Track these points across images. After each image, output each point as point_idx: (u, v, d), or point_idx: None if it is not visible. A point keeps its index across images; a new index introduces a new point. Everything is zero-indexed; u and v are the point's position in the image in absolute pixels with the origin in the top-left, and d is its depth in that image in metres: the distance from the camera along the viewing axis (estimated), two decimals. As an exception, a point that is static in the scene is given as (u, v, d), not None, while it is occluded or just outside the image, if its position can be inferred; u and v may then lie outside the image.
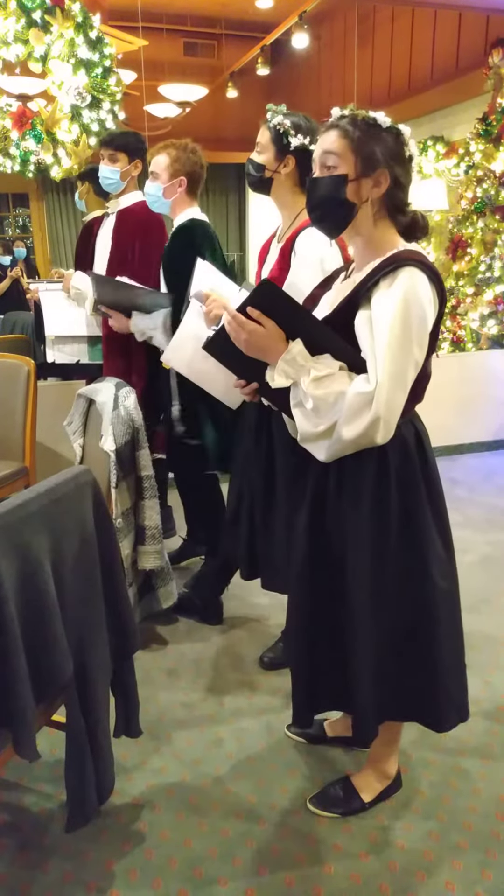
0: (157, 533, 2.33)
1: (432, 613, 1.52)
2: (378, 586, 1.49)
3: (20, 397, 2.90)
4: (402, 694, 1.57)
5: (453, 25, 5.99)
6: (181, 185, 2.43)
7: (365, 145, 1.37)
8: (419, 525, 1.49)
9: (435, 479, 1.54)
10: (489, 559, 3.15)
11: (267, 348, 1.42)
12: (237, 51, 7.81)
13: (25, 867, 1.61)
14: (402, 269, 1.35)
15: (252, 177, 2.01)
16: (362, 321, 1.39)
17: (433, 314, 1.39)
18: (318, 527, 1.55)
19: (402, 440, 1.46)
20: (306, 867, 1.61)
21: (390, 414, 1.35)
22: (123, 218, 2.79)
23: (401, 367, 1.35)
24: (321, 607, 1.57)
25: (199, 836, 1.69)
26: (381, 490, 1.46)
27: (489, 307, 4.87)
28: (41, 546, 1.33)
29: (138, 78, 5.71)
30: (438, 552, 1.52)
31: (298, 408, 1.42)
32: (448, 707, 1.60)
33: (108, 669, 1.58)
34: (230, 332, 1.44)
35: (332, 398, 1.36)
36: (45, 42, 3.31)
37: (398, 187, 1.41)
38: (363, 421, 1.34)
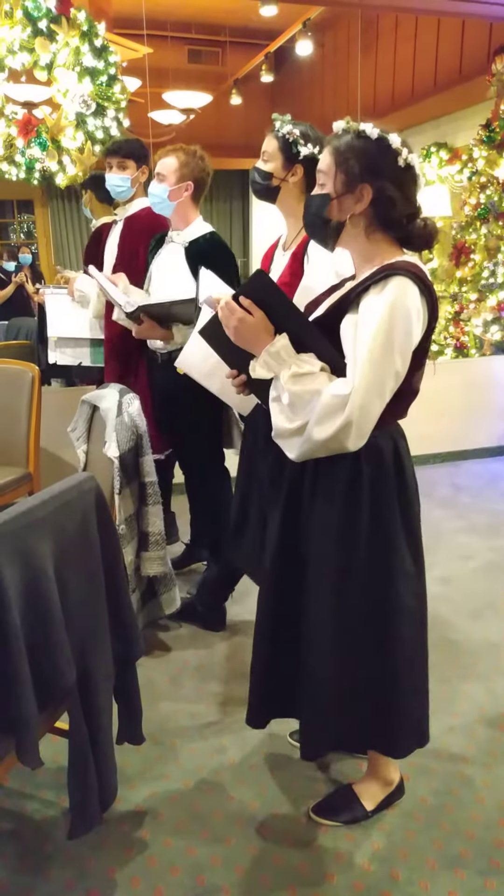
0: (161, 539, 2.33)
1: (395, 630, 1.50)
2: (339, 597, 1.48)
3: (24, 403, 2.91)
4: (356, 714, 1.55)
5: (456, 32, 6.01)
6: (187, 190, 2.44)
7: (346, 162, 1.39)
8: (388, 537, 1.48)
9: (410, 495, 1.52)
10: (493, 565, 3.15)
11: (253, 338, 1.43)
12: (241, 58, 7.85)
13: (27, 874, 1.61)
14: (393, 279, 1.35)
15: (259, 185, 2.01)
16: (348, 325, 1.40)
17: (420, 327, 1.39)
18: (290, 527, 1.55)
19: (378, 451, 1.46)
20: (309, 876, 1.60)
21: (363, 420, 1.34)
22: (130, 224, 2.81)
23: (379, 375, 1.34)
24: (284, 607, 1.57)
25: (202, 843, 1.69)
26: (352, 497, 1.46)
27: (492, 313, 4.87)
28: (45, 552, 1.34)
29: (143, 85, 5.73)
30: (407, 568, 1.51)
31: (276, 402, 1.43)
32: (405, 731, 1.58)
33: (111, 676, 1.58)
34: (221, 318, 1.46)
35: (307, 396, 1.36)
36: (51, 50, 3.33)
37: (384, 201, 1.39)
38: (334, 423, 1.34)
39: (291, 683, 1.58)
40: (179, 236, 2.50)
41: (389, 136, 1.38)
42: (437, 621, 2.57)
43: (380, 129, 1.39)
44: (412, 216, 1.44)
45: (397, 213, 1.41)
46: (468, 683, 2.29)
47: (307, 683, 1.55)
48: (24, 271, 6.54)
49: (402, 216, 1.42)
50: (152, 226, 2.74)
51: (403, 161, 1.39)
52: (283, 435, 1.43)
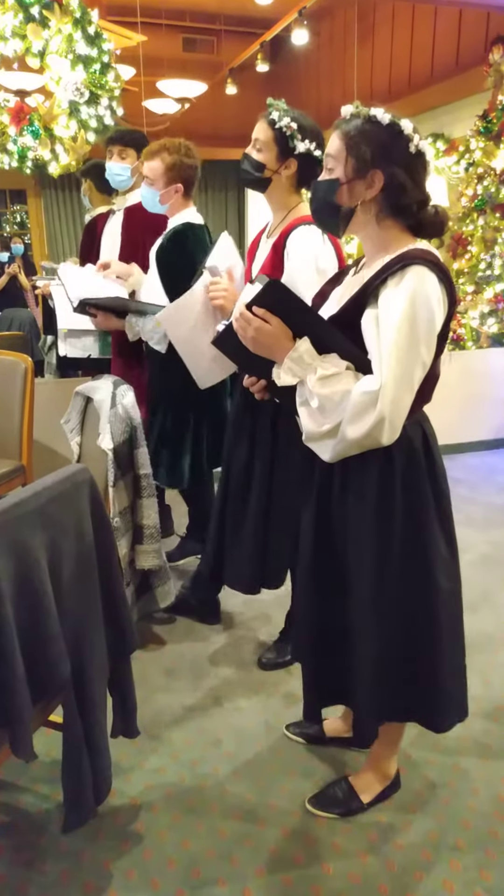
0: (155, 532, 2.31)
1: (434, 614, 1.51)
2: (380, 585, 1.49)
3: (17, 395, 2.88)
4: (402, 694, 1.56)
5: (454, 22, 5.97)
6: (177, 192, 2.42)
7: (358, 147, 1.36)
8: (423, 526, 1.48)
9: (441, 480, 1.52)
10: (489, 558, 3.15)
11: (273, 346, 1.41)
12: (237, 47, 7.79)
13: (22, 867, 1.60)
14: (411, 268, 1.33)
15: (249, 174, 1.97)
16: (369, 320, 1.38)
17: (442, 314, 1.37)
18: (323, 523, 1.55)
19: (408, 441, 1.45)
20: (305, 867, 1.60)
21: (396, 415, 1.33)
22: (132, 215, 2.78)
23: (407, 368, 1.33)
24: (326, 603, 1.57)
25: (198, 836, 1.68)
26: (385, 490, 1.45)
27: (489, 305, 4.86)
28: (38, 545, 1.32)
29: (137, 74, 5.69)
30: (442, 553, 1.51)
31: (304, 406, 1.41)
32: (448, 708, 1.59)
33: (105, 669, 1.57)
34: (237, 329, 1.44)
35: (337, 397, 1.35)
36: (43, 37, 3.30)
37: (396, 187, 1.37)
38: (368, 421, 1.32)
39: (339, 673, 1.59)
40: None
41: (401, 122, 1.36)
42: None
43: (391, 115, 1.36)
44: (423, 203, 1.42)
45: (408, 199, 1.39)
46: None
47: (357, 672, 1.55)
48: (17, 262, 6.49)
49: (413, 203, 1.40)
50: (155, 216, 2.71)
51: (415, 147, 1.36)
52: (314, 438, 1.42)
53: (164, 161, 2.37)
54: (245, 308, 1.41)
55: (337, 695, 1.67)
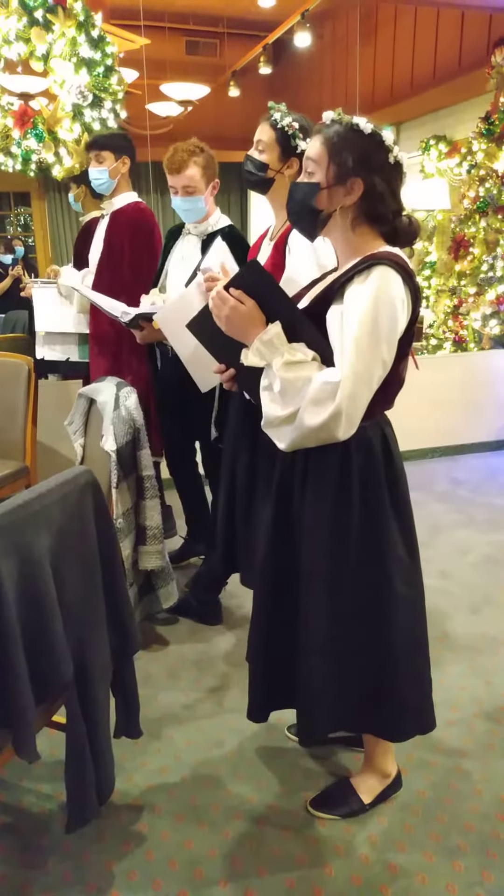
0: (158, 533, 2.32)
1: (390, 618, 1.51)
2: (334, 585, 1.49)
3: (21, 397, 2.90)
4: (353, 699, 1.55)
5: (456, 24, 5.98)
6: (216, 188, 2.41)
7: (340, 153, 1.38)
8: (380, 526, 1.49)
9: (400, 483, 1.53)
10: (491, 560, 3.15)
11: (245, 327, 1.43)
12: (239, 49, 7.80)
13: (25, 867, 1.61)
14: (376, 268, 1.36)
15: (252, 175, 1.99)
16: (333, 316, 1.40)
17: (405, 315, 1.39)
18: (281, 519, 1.56)
19: (367, 441, 1.46)
20: (306, 868, 1.60)
21: (353, 409, 1.35)
22: (115, 219, 2.79)
23: (367, 364, 1.35)
24: (279, 601, 1.58)
25: (200, 837, 1.69)
26: (342, 487, 1.47)
27: (491, 307, 4.85)
28: (42, 546, 1.33)
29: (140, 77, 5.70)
30: (400, 556, 1.51)
31: (266, 391, 1.43)
32: (402, 717, 1.58)
33: (108, 670, 1.57)
34: (212, 308, 1.46)
35: (299, 383, 1.37)
36: (47, 41, 3.31)
37: (374, 196, 1.40)
38: (325, 411, 1.34)
39: (290, 674, 1.59)
40: (197, 229, 2.46)
41: (382, 132, 1.39)
42: (435, 615, 2.58)
43: (373, 124, 1.39)
44: (397, 212, 1.45)
45: (384, 208, 1.42)
46: (467, 677, 2.29)
47: (303, 670, 1.55)
48: (20, 264, 6.50)
49: (389, 212, 1.43)
50: (136, 221, 2.72)
51: (394, 158, 1.40)
52: (273, 423, 1.43)
53: (199, 164, 2.34)
54: (223, 289, 1.44)
55: (285, 698, 1.65)
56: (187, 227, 2.50)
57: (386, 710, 1.57)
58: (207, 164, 2.37)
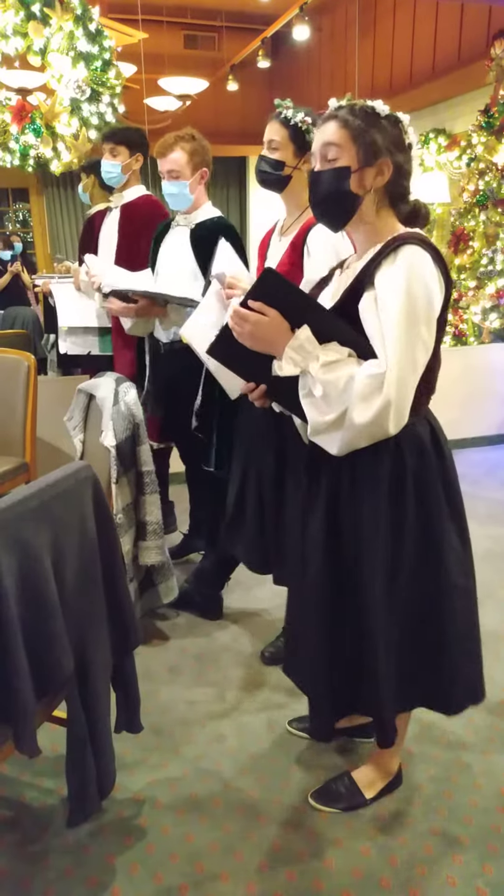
0: (158, 528, 2.32)
1: (449, 612, 1.51)
2: (393, 583, 1.47)
3: (20, 393, 2.89)
4: (416, 681, 1.56)
5: (455, 17, 5.95)
6: (203, 178, 2.39)
7: (366, 134, 1.35)
8: (437, 524, 1.46)
9: (452, 476, 1.51)
10: (491, 553, 3.15)
11: (273, 339, 1.37)
12: (238, 43, 7.78)
13: (26, 862, 1.61)
14: (404, 248, 1.33)
15: (269, 174, 1.97)
16: (367, 304, 1.35)
17: (439, 293, 1.36)
18: (333, 529, 1.51)
19: (419, 439, 1.43)
20: (307, 862, 1.61)
21: (402, 398, 1.31)
22: (128, 213, 2.78)
23: (409, 349, 1.31)
24: (340, 607, 1.53)
25: (201, 831, 1.69)
26: (397, 491, 1.43)
27: (491, 301, 4.85)
28: (41, 542, 1.33)
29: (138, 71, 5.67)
30: (455, 549, 1.50)
31: (308, 398, 1.37)
32: (461, 692, 1.59)
33: (108, 665, 1.58)
34: (233, 327, 1.40)
35: (341, 383, 1.31)
36: (45, 35, 3.30)
37: (401, 175, 1.40)
38: (374, 405, 1.29)
39: (354, 684, 1.55)
40: (186, 220, 2.45)
41: (399, 115, 1.39)
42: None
43: (388, 106, 1.39)
44: (408, 195, 1.45)
45: (403, 190, 1.42)
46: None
47: (374, 674, 1.52)
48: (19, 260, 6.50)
49: (406, 194, 1.44)
50: (151, 215, 2.70)
51: (408, 140, 1.40)
52: (320, 430, 1.37)
53: (185, 149, 2.33)
54: (239, 305, 1.39)
55: (353, 708, 1.62)
56: (176, 218, 2.49)
57: (444, 693, 1.58)
58: (195, 151, 2.34)
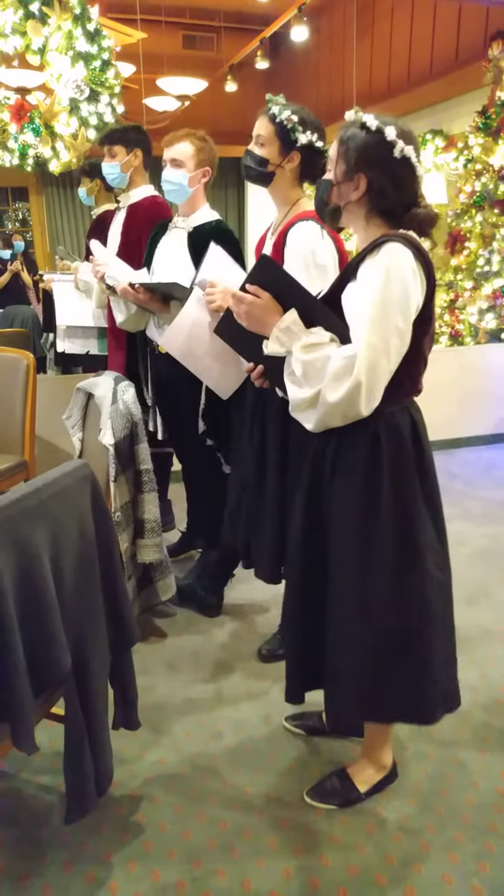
0: (156, 526, 2.33)
1: (423, 601, 1.52)
2: (365, 571, 1.50)
3: (19, 391, 2.90)
4: (387, 686, 1.56)
5: (453, 18, 5.96)
6: (205, 177, 2.39)
7: (347, 151, 1.46)
8: (411, 513, 1.50)
9: (430, 469, 1.55)
10: (487, 552, 3.16)
11: (264, 319, 1.50)
12: (236, 44, 7.78)
13: (24, 858, 1.62)
14: (386, 244, 1.41)
15: (252, 170, 1.98)
16: (349, 294, 1.47)
17: (418, 287, 1.42)
18: (313, 508, 1.58)
19: (396, 427, 1.49)
20: (304, 859, 1.62)
21: (372, 380, 1.39)
22: (133, 213, 2.78)
23: (382, 334, 1.38)
24: (313, 589, 1.60)
25: (198, 827, 1.70)
26: (373, 474, 1.49)
27: (487, 301, 4.86)
28: (40, 540, 1.33)
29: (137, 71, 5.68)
30: (431, 542, 1.53)
31: (290, 376, 1.49)
32: (435, 700, 1.59)
33: (106, 662, 1.58)
34: (232, 307, 1.54)
35: (319, 363, 1.41)
36: (43, 34, 3.30)
37: (377, 191, 1.46)
38: (345, 384, 1.38)
39: (322, 657, 1.61)
40: (184, 222, 2.45)
41: (386, 129, 1.44)
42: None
43: (379, 121, 1.45)
44: (409, 205, 1.49)
45: (390, 202, 1.48)
46: (463, 669, 2.29)
47: (334, 654, 1.58)
48: (19, 259, 6.49)
49: (397, 205, 1.48)
50: (154, 215, 2.70)
51: (399, 153, 1.44)
52: (299, 407, 1.47)
53: (195, 144, 2.34)
54: (239, 289, 1.52)
55: (319, 679, 1.67)
56: (174, 220, 2.49)
57: (416, 695, 1.58)
58: (202, 149, 2.36)
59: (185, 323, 2.16)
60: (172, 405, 2.61)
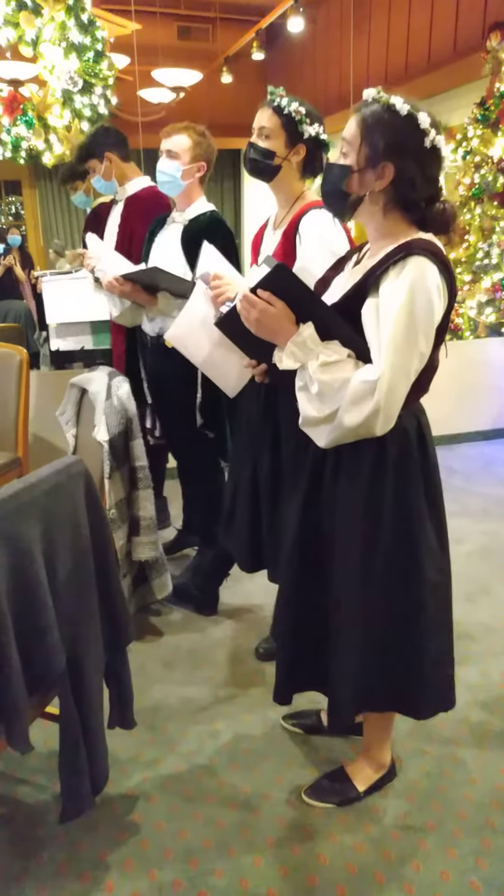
0: (152, 524, 2.31)
1: (421, 605, 1.51)
2: (366, 573, 1.49)
3: (13, 387, 2.88)
4: (382, 682, 1.56)
5: (451, 9, 5.92)
6: (200, 171, 2.36)
7: (372, 135, 1.34)
8: (413, 516, 1.48)
9: (434, 474, 1.52)
10: (486, 549, 3.15)
11: (277, 329, 1.42)
12: (232, 35, 7.73)
13: (20, 858, 1.60)
14: (412, 259, 1.33)
15: (259, 163, 1.93)
16: (369, 309, 1.38)
17: (442, 306, 1.37)
18: (311, 509, 1.56)
19: (403, 431, 1.45)
20: (301, 857, 1.61)
21: (391, 405, 1.35)
22: (131, 205, 2.75)
23: (405, 359, 1.34)
24: (307, 588, 1.58)
25: (194, 826, 1.69)
26: (376, 478, 1.46)
27: (487, 295, 4.84)
28: (33, 537, 1.32)
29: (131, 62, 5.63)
30: (431, 545, 1.51)
31: (303, 391, 1.43)
32: (427, 696, 1.59)
33: (101, 661, 1.57)
34: (241, 311, 1.44)
35: (337, 384, 1.36)
36: (36, 25, 3.27)
37: (406, 182, 1.35)
38: (364, 409, 1.34)
39: (316, 657, 1.60)
40: (181, 216, 2.43)
41: (419, 115, 1.33)
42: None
43: (410, 105, 1.34)
44: (432, 199, 1.40)
45: (416, 195, 1.38)
46: (462, 667, 2.28)
47: (336, 657, 1.56)
48: (12, 253, 6.45)
49: (422, 198, 1.39)
50: (153, 207, 2.67)
51: (430, 142, 1.34)
52: (311, 423, 1.43)
53: (192, 137, 2.31)
54: (249, 291, 1.41)
55: (311, 681, 1.67)
56: (172, 215, 2.47)
57: (414, 690, 1.58)
58: (199, 143, 2.33)
59: (190, 318, 2.14)
60: (165, 401, 2.59)
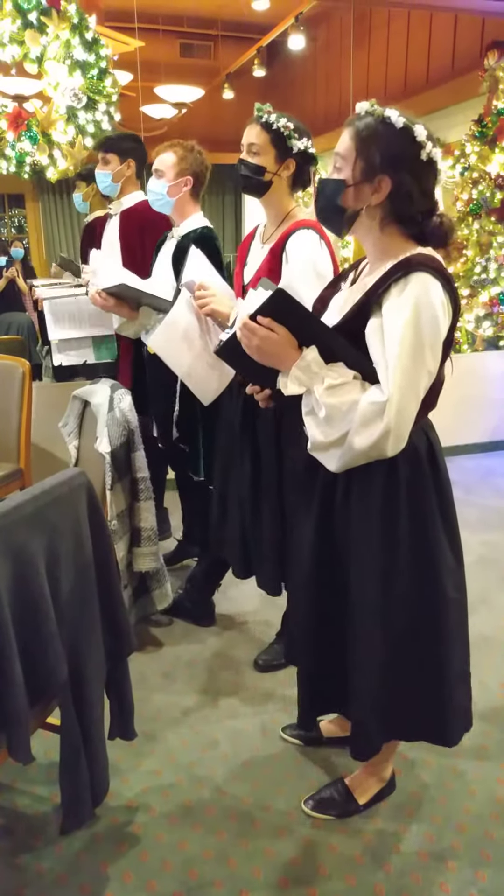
0: (153, 535, 2.32)
1: (443, 624, 1.49)
2: (386, 594, 1.46)
3: (15, 399, 2.89)
4: (407, 708, 1.53)
5: (449, 27, 6.01)
6: (186, 185, 2.39)
7: (367, 149, 1.33)
8: (429, 536, 1.46)
9: (446, 489, 1.50)
10: (484, 560, 3.16)
11: (279, 355, 1.40)
12: (233, 52, 7.82)
13: (19, 869, 1.60)
14: (414, 275, 1.31)
15: (250, 179, 1.97)
16: (373, 329, 1.36)
17: (446, 321, 1.35)
18: (325, 536, 1.53)
19: (414, 450, 1.43)
20: (301, 869, 1.61)
21: (401, 425, 1.33)
22: (128, 218, 2.78)
23: (413, 378, 1.32)
24: (326, 611, 1.55)
25: (194, 838, 1.69)
26: (390, 500, 1.43)
27: (484, 309, 4.88)
28: (36, 548, 1.33)
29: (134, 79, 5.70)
30: (449, 563, 1.49)
31: (311, 416, 1.40)
32: (455, 721, 1.57)
33: (102, 672, 1.57)
34: (241, 338, 1.42)
35: (345, 407, 1.34)
36: (41, 43, 3.31)
37: (403, 195, 1.34)
38: (374, 432, 1.31)
39: (337, 681, 1.57)
40: (176, 231, 2.47)
41: (415, 127, 1.32)
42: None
43: (406, 118, 1.32)
44: (429, 212, 1.38)
45: (413, 208, 1.36)
46: (460, 677, 2.30)
47: (360, 683, 1.52)
48: (15, 266, 6.50)
49: (419, 212, 1.37)
50: (152, 219, 2.70)
51: (426, 155, 1.33)
52: (320, 448, 1.41)
53: (177, 153, 2.35)
54: (248, 318, 1.39)
55: (334, 703, 1.66)
56: (172, 230, 2.51)
57: (440, 716, 1.54)
58: (185, 157, 2.36)
59: (173, 326, 2.17)
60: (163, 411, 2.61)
